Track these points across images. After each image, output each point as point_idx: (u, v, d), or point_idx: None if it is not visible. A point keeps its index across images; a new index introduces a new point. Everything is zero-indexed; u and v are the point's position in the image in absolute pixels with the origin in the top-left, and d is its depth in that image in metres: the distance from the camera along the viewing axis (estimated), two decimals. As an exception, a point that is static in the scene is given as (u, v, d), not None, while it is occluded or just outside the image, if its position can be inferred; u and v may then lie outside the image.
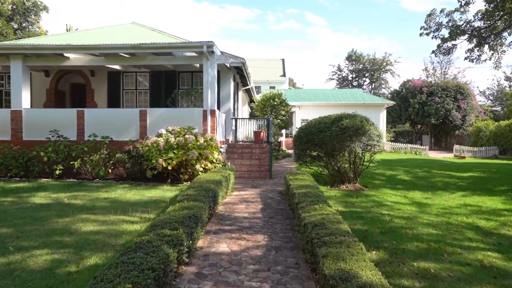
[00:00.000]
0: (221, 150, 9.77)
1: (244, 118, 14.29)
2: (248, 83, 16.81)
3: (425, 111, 33.22)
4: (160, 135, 8.93)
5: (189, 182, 8.48)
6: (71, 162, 8.51)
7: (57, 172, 8.45)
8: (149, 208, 5.86)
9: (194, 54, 9.93)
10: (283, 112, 18.25)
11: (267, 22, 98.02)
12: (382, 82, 58.38)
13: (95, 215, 5.35)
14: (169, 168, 8.23)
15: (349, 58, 59.31)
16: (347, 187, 9.76)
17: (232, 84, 14.07)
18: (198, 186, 5.95)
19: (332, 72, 61.10)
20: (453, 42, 17.66)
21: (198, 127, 9.78)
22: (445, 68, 53.66)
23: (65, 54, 9.71)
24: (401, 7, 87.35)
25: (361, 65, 59.05)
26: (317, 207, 4.88)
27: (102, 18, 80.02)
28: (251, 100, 22.62)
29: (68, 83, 14.73)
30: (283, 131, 22.91)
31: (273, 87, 32.56)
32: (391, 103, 28.72)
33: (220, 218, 5.80)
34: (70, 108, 13.80)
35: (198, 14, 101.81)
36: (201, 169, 8.37)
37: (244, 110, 23.60)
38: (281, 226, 5.48)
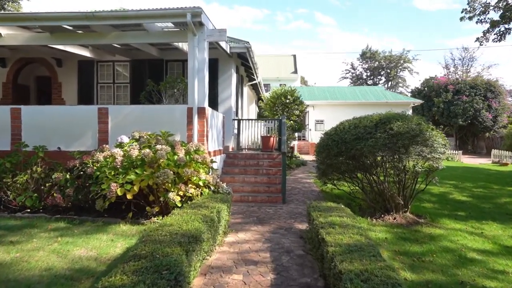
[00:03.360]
0: (214, 165, 6.83)
1: (249, 119, 11.34)
2: (255, 77, 13.84)
3: (451, 111, 29.97)
4: (120, 145, 6.02)
5: (161, 218, 5.55)
6: (-18, 186, 5.64)
7: (-38, 201, 5.59)
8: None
9: (175, 28, 6.99)
10: (297, 112, 15.23)
11: (276, 22, 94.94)
12: (400, 80, 54.80)
13: None
14: (129, 197, 5.31)
15: (363, 55, 55.86)
16: (395, 218, 6.75)
17: (234, 76, 11.12)
18: (147, 254, 3.00)
19: (346, 70, 57.76)
20: (506, 26, 14.42)
21: (181, 132, 6.85)
22: (468, 66, 50.09)
23: (-7, 29, 6.88)
24: (413, 7, 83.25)
25: (376, 63, 55.56)
26: None
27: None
28: (259, 99, 19.66)
29: (33, 75, 11.96)
30: (296, 134, 19.87)
31: (284, 85, 29.49)
32: (418, 101, 25.48)
33: (189, 323, 2.85)
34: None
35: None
36: (178, 198, 5.42)
37: (251, 110, 20.65)
38: None
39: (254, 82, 14.83)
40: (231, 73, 10.71)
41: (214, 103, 10.56)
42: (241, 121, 10.92)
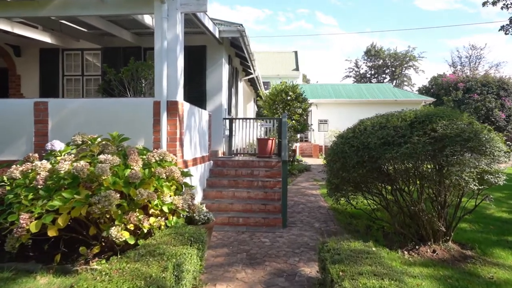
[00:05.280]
0: (192, 180, 5.06)
1: (244, 118, 9.58)
2: (252, 70, 12.09)
3: (461, 110, 28.24)
4: (51, 154, 4.27)
5: (105, 261, 3.78)
6: None
7: None
8: None
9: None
10: (299, 110, 13.46)
11: (278, 22, 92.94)
12: (405, 78, 52.95)
13: None
14: (51, 233, 3.54)
15: (367, 52, 53.98)
16: (434, 251, 5.00)
17: (225, 68, 9.38)
18: None
19: (349, 68, 55.89)
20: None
21: (146, 135, 5.09)
22: (475, 64, 48.34)
23: None
24: (415, 6, 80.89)
25: (381, 61, 53.68)
26: None
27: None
28: (258, 96, 17.89)
29: (-9, 67, 10.21)
30: (298, 135, 18.07)
31: (285, 82, 27.68)
32: (429, 99, 23.72)
33: None
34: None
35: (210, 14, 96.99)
36: (127, 234, 3.65)
37: (248, 109, 18.90)
38: None
39: (251, 76, 13.06)
40: (222, 63, 8.94)
41: (201, 99, 8.82)
42: (234, 120, 9.15)
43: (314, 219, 6.48)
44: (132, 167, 3.99)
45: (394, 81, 53.70)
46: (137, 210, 3.95)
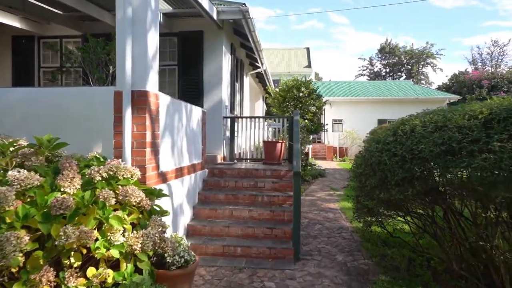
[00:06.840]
0: (169, 200, 3.65)
1: (249, 117, 8.11)
2: (259, 63, 10.62)
3: (487, 110, 26.31)
4: None
5: None
6: None
7: None
8: None
9: None
10: (313, 109, 11.94)
11: (289, 22, 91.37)
12: (422, 77, 50.70)
13: None
14: None
15: (382, 50, 51.87)
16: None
17: (227, 58, 7.95)
18: None
19: (363, 66, 53.83)
20: None
21: (105, 138, 3.68)
22: (498, 60, 45.95)
23: None
24: (429, 4, 77.86)
25: (396, 58, 51.49)
26: None
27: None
28: (267, 93, 16.41)
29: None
30: (310, 136, 16.51)
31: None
32: (455, 97, 21.85)
33: None
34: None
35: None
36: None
37: (257, 108, 17.44)
38: None
39: (258, 70, 11.60)
40: (222, 51, 7.51)
41: (197, 94, 7.45)
42: (236, 120, 7.71)
43: (336, 247, 4.97)
44: (63, 189, 2.59)
45: (411, 79, 51.55)
46: (72, 254, 2.54)
